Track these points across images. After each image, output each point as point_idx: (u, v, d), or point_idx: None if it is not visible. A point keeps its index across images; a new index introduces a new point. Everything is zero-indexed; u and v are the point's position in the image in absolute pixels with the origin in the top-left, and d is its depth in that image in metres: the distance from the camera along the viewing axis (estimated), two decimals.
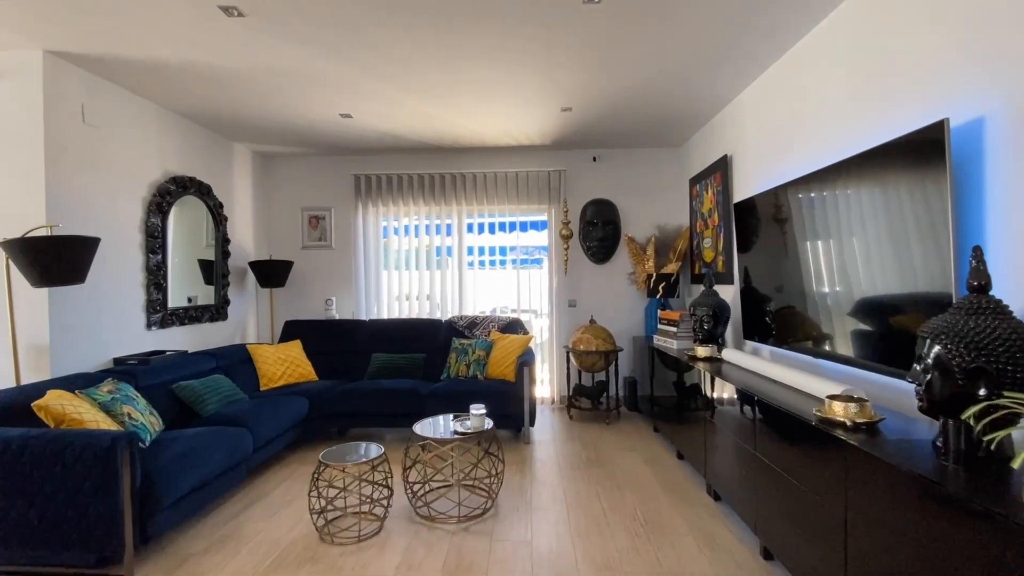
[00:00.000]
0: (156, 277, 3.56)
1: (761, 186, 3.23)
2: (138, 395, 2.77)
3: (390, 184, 4.96)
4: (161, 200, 3.60)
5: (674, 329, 3.79)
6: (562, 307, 4.98)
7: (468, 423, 2.77)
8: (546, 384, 5.04)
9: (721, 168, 3.83)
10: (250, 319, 4.88)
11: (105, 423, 2.34)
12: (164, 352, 3.52)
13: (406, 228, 5.04)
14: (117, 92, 3.28)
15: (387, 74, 3.16)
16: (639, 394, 4.58)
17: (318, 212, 5.13)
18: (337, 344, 4.51)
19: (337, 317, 4.99)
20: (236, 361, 3.93)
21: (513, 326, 4.50)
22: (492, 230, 5.02)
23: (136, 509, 2.18)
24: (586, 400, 4.56)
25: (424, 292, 5.04)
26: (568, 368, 4.56)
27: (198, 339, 4.08)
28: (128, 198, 3.38)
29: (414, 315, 5.05)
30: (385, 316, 5.03)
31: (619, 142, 4.78)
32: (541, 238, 5.05)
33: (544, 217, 5.02)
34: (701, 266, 4.35)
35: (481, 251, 5.04)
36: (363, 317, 4.99)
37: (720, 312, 3.41)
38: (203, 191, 4.06)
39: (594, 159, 4.97)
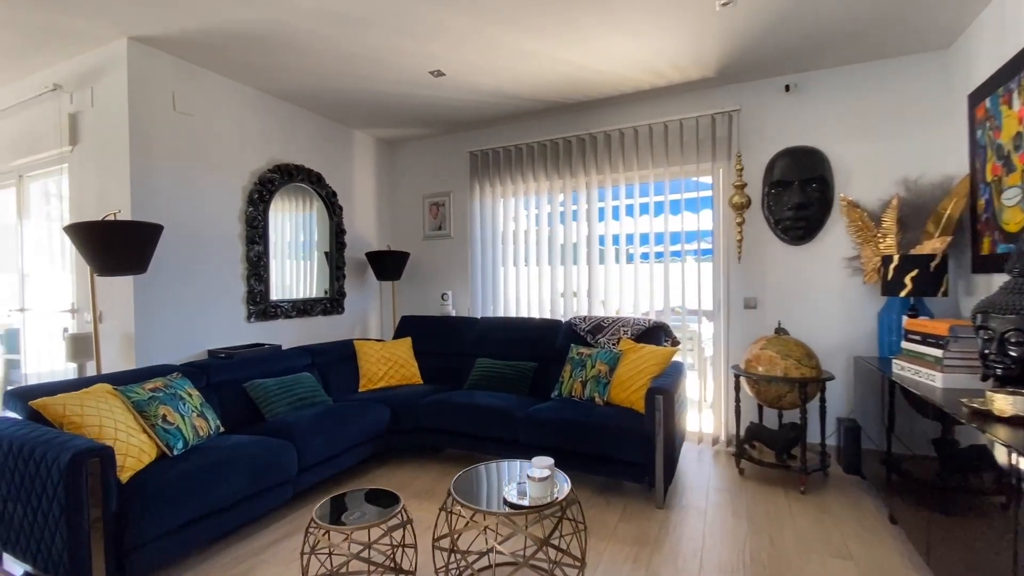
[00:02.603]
0: (256, 268, 3.44)
1: None
2: (193, 393, 2.53)
3: (508, 158, 4.18)
4: (262, 189, 3.47)
5: (936, 352, 2.12)
6: (734, 308, 3.51)
7: (526, 488, 1.78)
8: (708, 414, 3.63)
9: None
10: (371, 313, 4.67)
11: (113, 427, 2.06)
12: (262, 345, 3.38)
13: (526, 217, 4.19)
14: (211, 78, 3.21)
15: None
16: (863, 447, 2.88)
17: (438, 199, 4.66)
18: (446, 344, 3.93)
19: (453, 313, 4.45)
20: (337, 358, 3.63)
21: (653, 333, 3.27)
22: (630, 212, 3.80)
23: (111, 538, 1.81)
24: (767, 449, 3.05)
25: (546, 287, 4.12)
26: (738, 398, 3.11)
27: (309, 333, 3.93)
28: (227, 187, 3.31)
29: (533, 314, 4.18)
30: (501, 313, 4.28)
31: (827, 58, 3.11)
32: (703, 219, 3.63)
33: (708, 190, 3.59)
34: (996, 240, 2.47)
35: (615, 240, 3.86)
36: (477, 314, 4.33)
37: None
38: (312, 179, 3.89)
39: (787, 88, 3.36)
